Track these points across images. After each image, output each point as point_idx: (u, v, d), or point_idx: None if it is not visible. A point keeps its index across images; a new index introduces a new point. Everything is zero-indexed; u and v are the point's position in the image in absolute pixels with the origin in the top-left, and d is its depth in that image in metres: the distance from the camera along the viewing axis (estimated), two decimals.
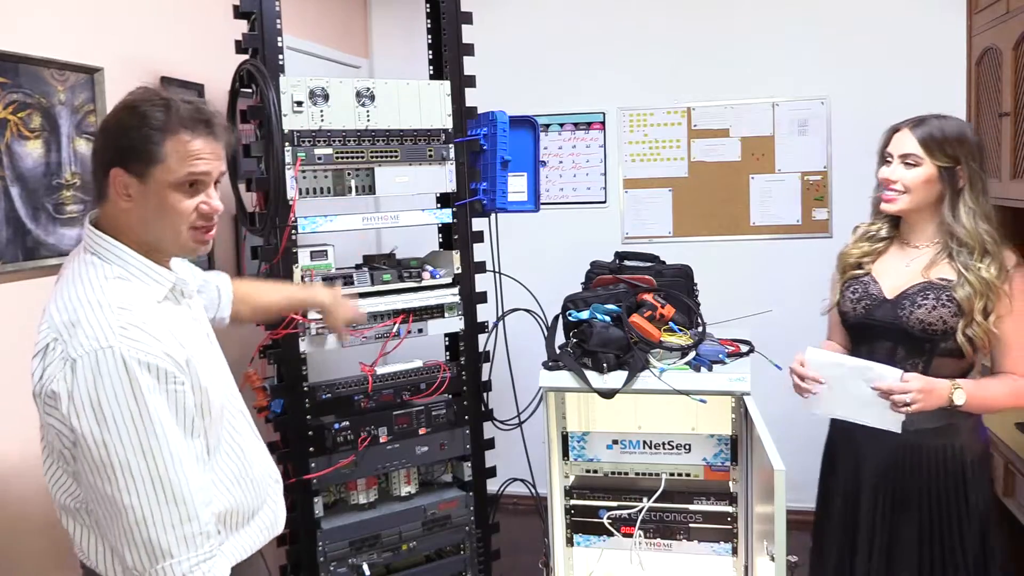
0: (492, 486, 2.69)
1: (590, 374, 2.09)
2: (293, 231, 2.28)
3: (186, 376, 1.32)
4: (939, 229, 1.91)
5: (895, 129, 1.94)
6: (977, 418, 1.92)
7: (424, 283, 2.50)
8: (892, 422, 1.81)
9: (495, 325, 2.63)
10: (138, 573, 1.29)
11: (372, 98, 2.38)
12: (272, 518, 1.59)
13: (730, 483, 2.25)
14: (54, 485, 1.38)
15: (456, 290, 2.55)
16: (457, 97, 2.54)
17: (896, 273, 1.94)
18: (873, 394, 1.79)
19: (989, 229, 1.84)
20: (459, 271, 2.56)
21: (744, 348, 2.21)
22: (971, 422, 1.90)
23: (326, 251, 2.38)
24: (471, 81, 2.59)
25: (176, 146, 1.32)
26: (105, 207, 1.38)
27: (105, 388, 1.24)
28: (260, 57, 2.23)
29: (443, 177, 2.53)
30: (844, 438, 1.99)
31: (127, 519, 1.26)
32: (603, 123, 3.81)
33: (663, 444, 2.28)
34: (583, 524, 2.31)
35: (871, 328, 1.92)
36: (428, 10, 2.64)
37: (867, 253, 1.99)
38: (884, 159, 1.94)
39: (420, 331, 2.50)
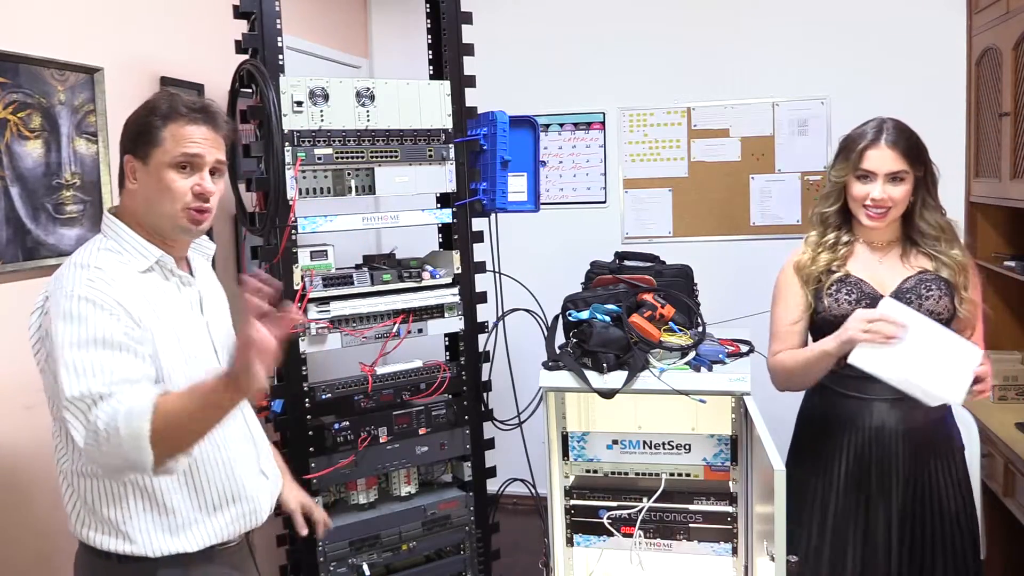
0: (492, 486, 2.69)
1: (590, 374, 2.09)
2: (293, 231, 2.28)
3: (134, 325, 1.42)
4: (899, 225, 1.97)
5: (867, 146, 1.89)
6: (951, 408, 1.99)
7: (424, 283, 2.50)
8: (956, 392, 1.75)
9: (495, 325, 2.63)
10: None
11: (372, 98, 2.38)
12: (249, 508, 1.59)
13: (730, 483, 2.24)
14: (57, 452, 1.51)
15: (456, 290, 2.55)
16: (457, 97, 2.54)
17: (874, 272, 1.95)
18: (943, 361, 1.75)
19: (946, 219, 1.96)
20: (459, 271, 2.56)
21: (744, 348, 2.21)
22: (949, 411, 1.98)
23: (326, 251, 2.38)
24: (471, 81, 2.59)
25: (174, 130, 1.47)
26: (123, 195, 1.55)
27: (57, 316, 1.39)
28: (260, 57, 2.23)
29: (443, 177, 2.53)
30: (849, 428, 1.94)
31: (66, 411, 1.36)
32: (603, 123, 3.81)
33: (663, 444, 2.27)
34: (583, 524, 2.30)
35: None
36: (428, 10, 2.64)
37: (833, 259, 1.97)
38: (859, 177, 1.90)
39: (420, 331, 2.50)
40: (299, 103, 2.27)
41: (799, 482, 1.97)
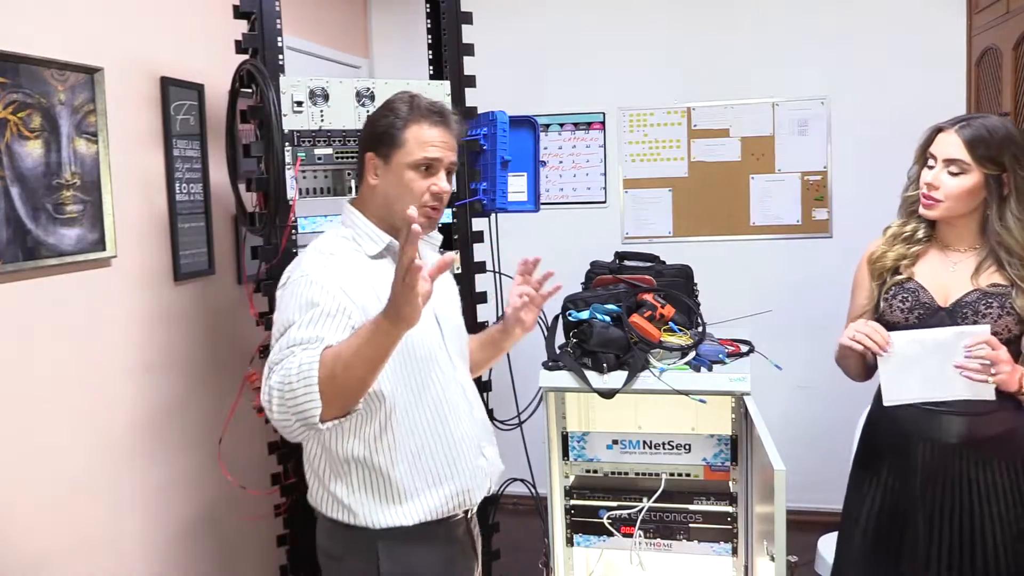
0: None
1: (590, 374, 2.09)
2: (293, 231, 2.28)
3: (356, 311, 1.49)
4: (982, 234, 1.81)
5: (939, 129, 1.81)
6: None
7: None
8: (983, 389, 1.70)
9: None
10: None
11: (372, 98, 2.38)
12: (464, 487, 1.65)
13: (730, 483, 2.25)
14: None
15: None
16: (457, 97, 2.54)
17: (942, 279, 1.83)
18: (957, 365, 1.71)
19: None
20: (459, 271, 2.56)
21: (744, 348, 2.21)
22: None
23: None
24: (471, 81, 2.59)
25: (415, 132, 1.58)
26: (361, 188, 1.66)
27: (287, 289, 1.51)
28: (260, 57, 2.23)
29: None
30: (900, 443, 1.85)
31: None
32: (603, 123, 3.81)
33: (663, 444, 2.28)
34: (583, 524, 2.30)
35: None
36: (428, 10, 2.64)
37: (904, 256, 1.86)
38: (925, 160, 1.83)
39: None
40: (299, 103, 2.27)
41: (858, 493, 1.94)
